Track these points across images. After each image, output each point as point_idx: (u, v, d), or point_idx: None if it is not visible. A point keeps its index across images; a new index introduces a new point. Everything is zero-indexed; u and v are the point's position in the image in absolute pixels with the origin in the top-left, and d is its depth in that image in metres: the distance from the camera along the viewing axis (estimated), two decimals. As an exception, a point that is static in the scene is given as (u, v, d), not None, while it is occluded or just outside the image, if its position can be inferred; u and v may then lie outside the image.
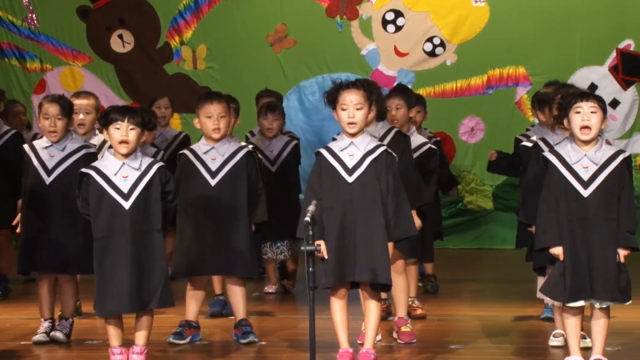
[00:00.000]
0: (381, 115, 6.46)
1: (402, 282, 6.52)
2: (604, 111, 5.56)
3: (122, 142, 5.75)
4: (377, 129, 6.42)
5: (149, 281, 5.75)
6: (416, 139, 7.11)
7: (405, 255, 6.56)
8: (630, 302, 5.56)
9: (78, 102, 6.92)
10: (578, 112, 5.50)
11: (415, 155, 6.89)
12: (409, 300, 6.95)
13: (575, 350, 5.61)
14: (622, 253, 5.51)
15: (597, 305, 5.56)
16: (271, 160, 8.39)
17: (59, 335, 6.50)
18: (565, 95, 5.68)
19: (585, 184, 5.52)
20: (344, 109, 5.71)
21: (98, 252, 5.78)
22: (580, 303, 5.55)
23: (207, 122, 6.45)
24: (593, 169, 5.52)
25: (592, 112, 5.50)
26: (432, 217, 7.55)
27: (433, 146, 7.18)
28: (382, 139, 6.32)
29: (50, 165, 6.49)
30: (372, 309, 5.79)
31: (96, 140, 7.04)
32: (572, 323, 5.59)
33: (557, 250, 5.55)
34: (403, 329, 6.52)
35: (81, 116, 6.98)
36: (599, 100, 5.56)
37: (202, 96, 6.61)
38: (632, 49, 11.00)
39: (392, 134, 6.47)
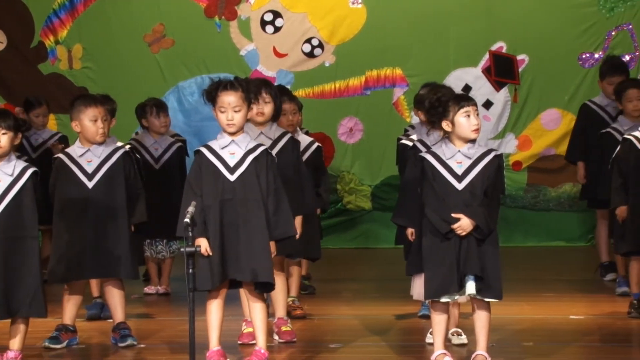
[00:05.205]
0: (276, 115, 6.46)
1: (281, 282, 6.51)
2: None
3: (-8, 146, 5.66)
4: (272, 131, 6.43)
5: (18, 289, 5.63)
6: (303, 139, 7.23)
7: (289, 254, 6.56)
8: (496, 300, 5.67)
9: None
10: (468, 116, 5.64)
11: (307, 154, 7.12)
12: (289, 300, 6.99)
13: (438, 345, 5.73)
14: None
15: (460, 298, 5.68)
16: (155, 158, 8.35)
17: None
18: (441, 99, 5.75)
19: (460, 178, 5.65)
20: (222, 111, 5.70)
21: None
22: (445, 299, 5.66)
23: (92, 126, 6.35)
24: (467, 163, 5.66)
25: (477, 115, 5.68)
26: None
27: (319, 144, 7.38)
28: (275, 142, 6.34)
29: None
30: (258, 309, 5.80)
31: None
32: (437, 319, 5.71)
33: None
34: (283, 328, 6.54)
35: None
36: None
37: (82, 99, 6.49)
38: (504, 50, 11.25)
39: (285, 139, 6.45)
